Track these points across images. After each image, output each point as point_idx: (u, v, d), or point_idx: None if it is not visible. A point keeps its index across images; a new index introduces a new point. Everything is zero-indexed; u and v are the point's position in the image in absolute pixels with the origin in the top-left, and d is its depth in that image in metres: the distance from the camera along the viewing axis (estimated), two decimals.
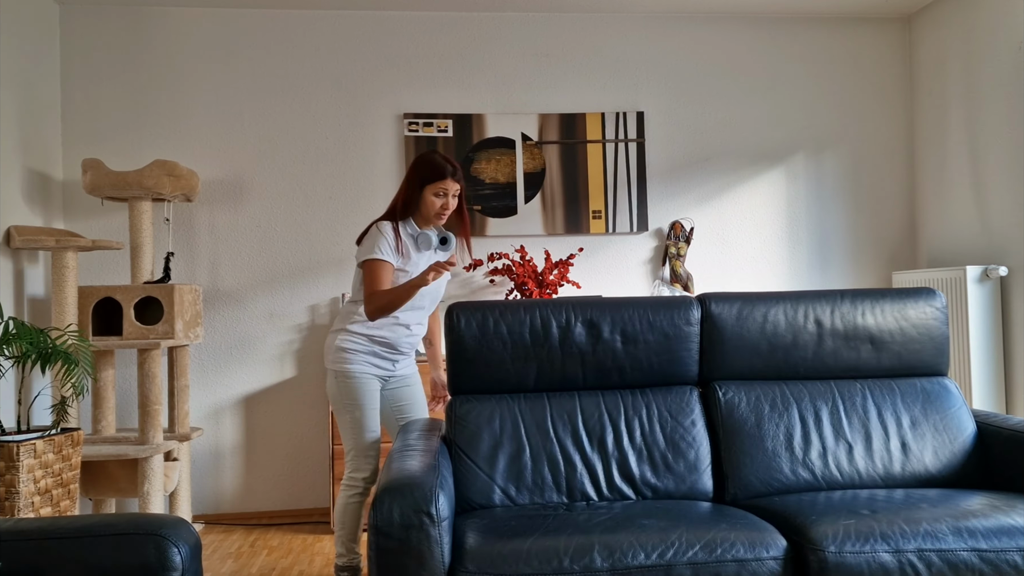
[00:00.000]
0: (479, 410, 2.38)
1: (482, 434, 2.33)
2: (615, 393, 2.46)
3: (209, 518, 4.12)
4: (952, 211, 4.33)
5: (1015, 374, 3.95)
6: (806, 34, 4.60)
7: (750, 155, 4.54)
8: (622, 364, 2.44)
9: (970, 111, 4.18)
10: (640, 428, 2.39)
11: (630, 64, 4.47)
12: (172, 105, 4.18)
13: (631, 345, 2.44)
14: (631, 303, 2.47)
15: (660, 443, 2.37)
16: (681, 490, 2.33)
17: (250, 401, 4.18)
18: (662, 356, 2.46)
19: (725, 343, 2.49)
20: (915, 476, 2.40)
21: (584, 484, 2.29)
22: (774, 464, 2.37)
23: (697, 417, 2.44)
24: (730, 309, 2.49)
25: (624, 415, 2.40)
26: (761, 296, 2.53)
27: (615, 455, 2.34)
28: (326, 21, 4.29)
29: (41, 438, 2.76)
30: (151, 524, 1.57)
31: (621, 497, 2.30)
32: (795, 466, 2.37)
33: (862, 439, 2.42)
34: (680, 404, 2.45)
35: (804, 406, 2.46)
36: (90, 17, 4.14)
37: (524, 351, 2.40)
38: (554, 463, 2.31)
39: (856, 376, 2.57)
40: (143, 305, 3.71)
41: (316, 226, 4.25)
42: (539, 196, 4.35)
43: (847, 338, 2.53)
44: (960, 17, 4.24)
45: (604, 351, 2.43)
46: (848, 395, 2.50)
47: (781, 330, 2.51)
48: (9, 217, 3.59)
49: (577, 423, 2.38)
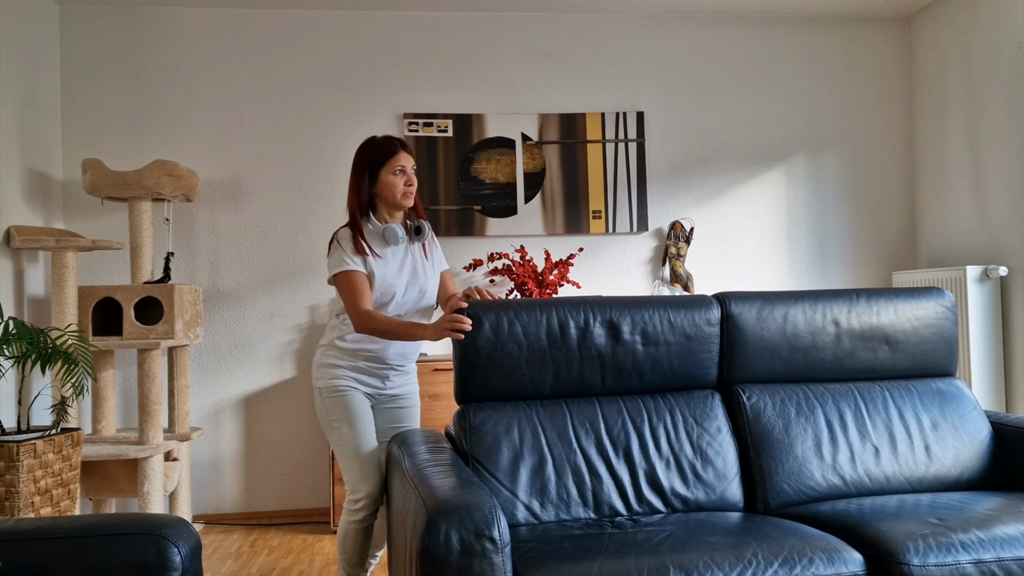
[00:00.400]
0: (495, 419, 2.19)
1: (501, 446, 2.15)
2: (636, 399, 2.32)
3: (209, 518, 4.12)
4: (952, 211, 4.33)
5: (1015, 374, 3.95)
6: (806, 34, 4.60)
7: (750, 155, 4.54)
8: (642, 367, 2.30)
9: (970, 111, 4.18)
10: (666, 435, 2.25)
11: (630, 64, 4.47)
12: (172, 105, 4.18)
13: (651, 347, 2.29)
14: (651, 302, 2.32)
15: (687, 451, 2.24)
16: (711, 500, 2.20)
17: (250, 401, 4.18)
18: (684, 358, 2.33)
19: (746, 344, 2.38)
20: (940, 479, 2.34)
21: (612, 497, 2.15)
22: (805, 470, 2.27)
23: (722, 423, 2.32)
24: (750, 309, 2.39)
25: (648, 422, 2.26)
26: (780, 296, 2.44)
27: (642, 465, 2.20)
28: (326, 21, 4.29)
29: (41, 438, 2.76)
30: (151, 524, 1.57)
31: (651, 510, 2.16)
32: (825, 472, 2.28)
33: (887, 442, 2.35)
34: (704, 409, 2.32)
35: (828, 409, 2.37)
36: (90, 17, 4.14)
37: (541, 354, 2.23)
38: (579, 475, 2.15)
39: (873, 377, 2.50)
40: (143, 305, 3.71)
41: (316, 226, 4.25)
42: (539, 196, 4.35)
43: (864, 338, 2.45)
44: (960, 17, 4.24)
45: (624, 353, 2.28)
46: (869, 397, 2.42)
47: (800, 330, 2.41)
48: (9, 217, 3.59)
49: (600, 431, 2.22)
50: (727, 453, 2.27)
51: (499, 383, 2.23)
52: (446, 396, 3.90)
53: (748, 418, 2.34)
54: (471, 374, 2.23)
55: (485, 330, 2.20)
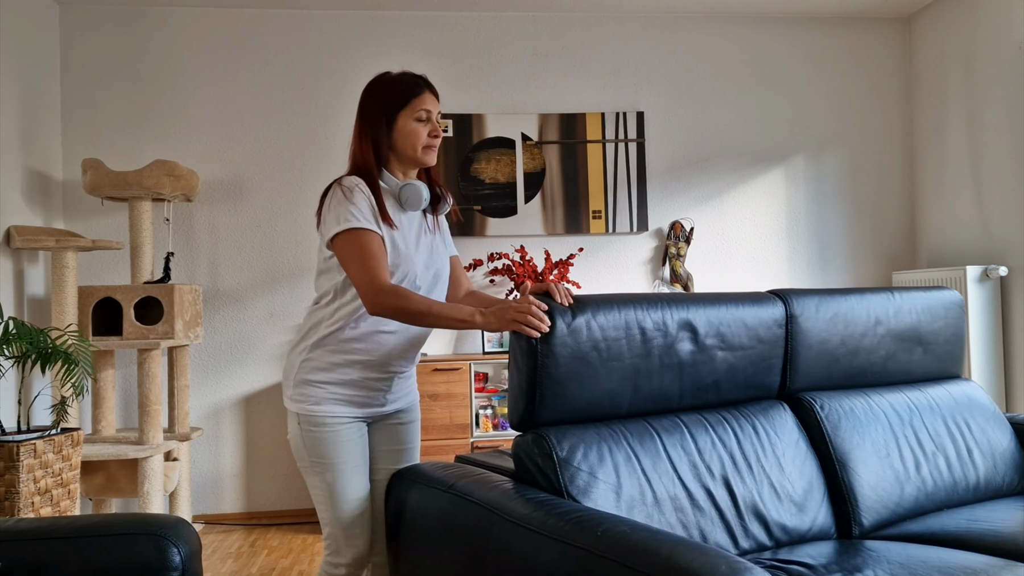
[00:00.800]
0: (584, 448, 1.76)
1: (598, 482, 1.74)
2: (715, 413, 2.00)
3: (209, 518, 4.12)
4: (952, 211, 4.33)
5: (1015, 374, 3.95)
6: (806, 34, 4.60)
7: (750, 155, 4.54)
8: (719, 376, 1.99)
9: (970, 111, 4.18)
10: (755, 455, 1.96)
11: (630, 64, 4.47)
12: (172, 105, 4.18)
13: (728, 352, 1.98)
14: (722, 299, 1.99)
15: (776, 472, 1.96)
16: (810, 527, 1.93)
17: (250, 401, 4.18)
18: (757, 364, 2.05)
19: (810, 347, 2.13)
20: (994, 486, 2.24)
21: (717, 532, 1.82)
22: (892, 487, 2.07)
23: (798, 437, 2.05)
24: (810, 307, 2.13)
25: (737, 442, 1.95)
26: (829, 292, 2.21)
27: (742, 493, 1.87)
28: (326, 21, 4.29)
29: (41, 438, 2.76)
30: (151, 524, 1.57)
31: (758, 545, 1.87)
32: (906, 486, 2.09)
33: (947, 449, 2.21)
34: (780, 423, 2.04)
35: (891, 418, 2.18)
36: (90, 17, 4.14)
37: (620, 363, 1.83)
38: (682, 510, 1.79)
39: (912, 381, 2.36)
40: (143, 305, 3.71)
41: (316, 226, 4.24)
42: (539, 196, 4.34)
43: (902, 339, 2.28)
44: (960, 17, 4.24)
45: (703, 361, 1.95)
46: (920, 403, 2.26)
47: (853, 331, 2.19)
48: (9, 217, 3.59)
49: (693, 456, 1.87)
50: (811, 472, 2.01)
51: (577, 401, 1.81)
52: (446, 396, 3.90)
53: (828, 432, 2.09)
54: (547, 389, 1.76)
55: (560, 332, 1.74)
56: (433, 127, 1.92)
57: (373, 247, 1.77)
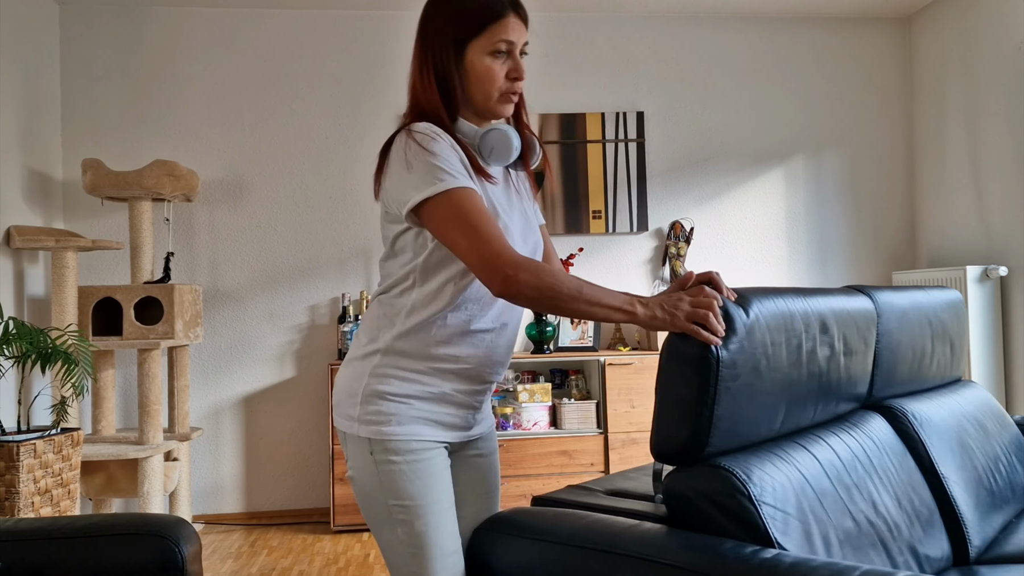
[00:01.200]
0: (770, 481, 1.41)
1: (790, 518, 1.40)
2: (845, 428, 1.75)
3: (209, 518, 4.12)
4: (952, 211, 4.33)
5: (1015, 374, 3.95)
6: (806, 34, 4.60)
7: (750, 155, 4.54)
8: (842, 384, 1.74)
9: (970, 111, 4.18)
10: (890, 476, 1.72)
11: (630, 64, 4.47)
12: (172, 105, 4.18)
13: (850, 357, 1.73)
14: (835, 295, 1.74)
15: (907, 494, 1.74)
16: (941, 555, 1.73)
17: (250, 401, 4.18)
18: (863, 369, 1.82)
19: (894, 350, 1.92)
20: None
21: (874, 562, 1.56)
22: (992, 502, 1.93)
23: (903, 452, 1.84)
24: (891, 305, 1.92)
25: (871, 459, 1.71)
26: (893, 289, 2.01)
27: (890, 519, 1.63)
28: (326, 21, 4.29)
29: (41, 438, 2.76)
30: (151, 524, 1.57)
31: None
32: (996, 500, 1.96)
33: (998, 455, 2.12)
34: (885, 437, 1.82)
35: (959, 423, 2.05)
36: (90, 17, 4.14)
37: (780, 373, 1.50)
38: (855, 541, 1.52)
39: (949, 383, 2.27)
40: (143, 305, 3.71)
41: (316, 226, 4.25)
42: (539, 196, 4.35)
43: (941, 339, 2.14)
44: (960, 17, 4.24)
45: (835, 367, 1.68)
46: (968, 406, 2.15)
47: (918, 332, 2.01)
48: (9, 217, 3.59)
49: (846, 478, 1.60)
50: (923, 491, 1.79)
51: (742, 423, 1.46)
52: None
53: (928, 445, 1.90)
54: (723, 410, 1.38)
55: (740, 335, 1.38)
56: (515, 65, 1.40)
57: (482, 208, 1.31)
